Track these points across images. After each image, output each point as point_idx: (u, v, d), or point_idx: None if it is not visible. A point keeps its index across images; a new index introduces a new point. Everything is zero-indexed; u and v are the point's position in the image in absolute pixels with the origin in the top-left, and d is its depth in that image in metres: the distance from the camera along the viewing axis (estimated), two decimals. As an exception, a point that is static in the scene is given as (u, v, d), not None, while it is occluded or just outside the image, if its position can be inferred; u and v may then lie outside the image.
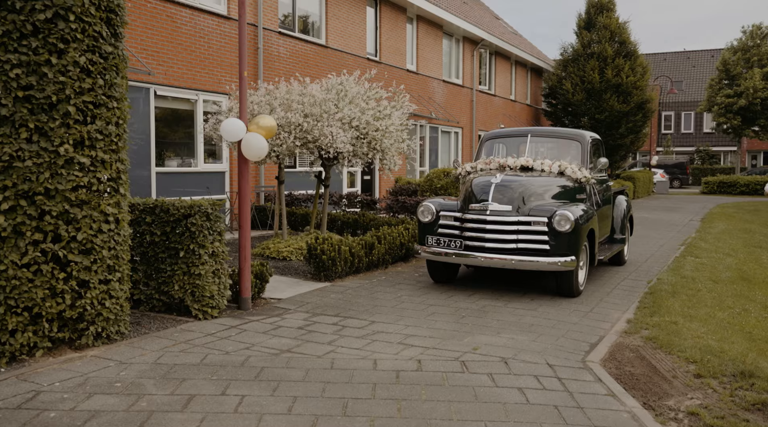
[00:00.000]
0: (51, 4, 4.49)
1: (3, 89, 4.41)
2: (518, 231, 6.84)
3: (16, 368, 4.47)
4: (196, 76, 11.98)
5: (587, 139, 8.42)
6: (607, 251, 8.51)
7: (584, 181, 7.80)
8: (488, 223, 6.89)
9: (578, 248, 6.81)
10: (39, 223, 4.57)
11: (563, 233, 6.70)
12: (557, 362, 4.86)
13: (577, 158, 8.21)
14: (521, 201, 6.95)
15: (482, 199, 7.01)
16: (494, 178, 7.17)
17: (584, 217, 6.96)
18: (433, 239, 7.27)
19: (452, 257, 7.07)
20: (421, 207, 7.44)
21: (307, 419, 3.71)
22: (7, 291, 4.47)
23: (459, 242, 7.06)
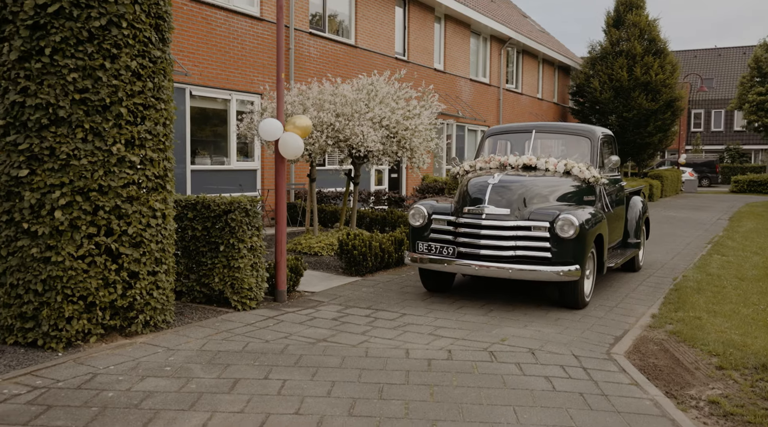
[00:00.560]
0: (105, 12, 4.80)
1: (61, 92, 4.73)
2: (517, 237, 6.22)
3: (72, 353, 4.79)
4: (230, 77, 12.32)
5: (597, 136, 7.73)
6: (619, 256, 7.86)
7: (593, 181, 7.18)
8: (483, 228, 6.28)
9: (583, 255, 6.18)
10: (93, 217, 4.89)
11: (566, 239, 6.08)
12: (582, 354, 5.04)
13: (587, 156, 7.53)
14: (521, 204, 6.34)
15: (477, 201, 6.39)
16: (491, 178, 6.53)
17: (591, 221, 6.30)
18: (423, 245, 6.61)
19: (443, 265, 6.45)
20: (412, 210, 6.80)
21: (345, 401, 3.96)
22: (64, 281, 4.79)
23: (451, 248, 6.43)
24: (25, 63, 4.71)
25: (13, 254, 4.85)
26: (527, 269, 6.09)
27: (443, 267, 6.48)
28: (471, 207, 6.41)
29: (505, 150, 8.20)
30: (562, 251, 6.11)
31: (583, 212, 6.29)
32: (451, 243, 6.49)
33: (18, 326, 4.86)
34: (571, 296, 6.36)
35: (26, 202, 4.73)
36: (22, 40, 4.67)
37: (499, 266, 6.16)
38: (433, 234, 6.66)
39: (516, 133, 8.20)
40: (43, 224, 4.76)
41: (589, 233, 6.23)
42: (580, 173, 7.11)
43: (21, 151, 4.76)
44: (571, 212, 6.15)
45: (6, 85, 4.77)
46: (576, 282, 6.25)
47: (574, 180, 7.11)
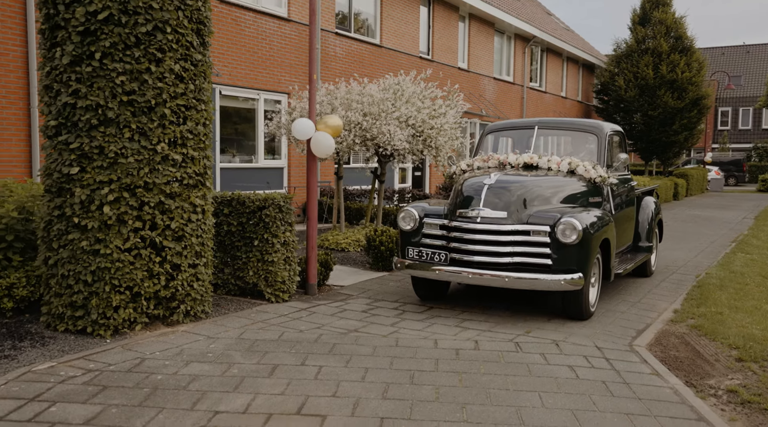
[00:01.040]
0: (151, 18, 5.08)
1: (110, 94, 5.02)
2: (515, 242, 5.76)
3: (119, 340, 5.08)
4: (258, 77, 12.62)
5: (605, 132, 7.18)
6: (629, 261, 7.35)
7: (600, 181, 6.68)
8: (478, 232, 5.83)
9: (587, 262, 5.71)
10: (139, 212, 5.18)
11: (569, 244, 5.60)
12: (605, 345, 5.22)
13: (594, 154, 7.06)
14: (520, 206, 5.87)
15: (472, 203, 5.94)
16: (487, 178, 6.07)
17: (596, 225, 5.82)
18: (414, 251, 6.13)
19: (434, 273, 5.97)
20: (402, 212, 6.32)
21: (379, 385, 4.19)
22: (112, 272, 5.08)
23: (443, 254, 5.96)
24: (77, 67, 5.01)
25: (65, 247, 5.16)
26: (526, 277, 5.62)
27: (434, 275, 5.99)
28: (465, 210, 5.95)
29: (506, 148, 7.79)
30: (564, 257, 5.64)
31: (588, 215, 5.83)
32: (444, 249, 6.02)
33: (69, 314, 5.17)
34: (575, 306, 5.89)
35: (77, 198, 5.04)
36: (74, 45, 4.97)
37: (494, 274, 5.67)
38: (424, 239, 6.19)
39: (518, 130, 7.70)
40: (93, 219, 5.06)
41: (593, 237, 5.75)
42: (585, 173, 6.65)
43: (72, 149, 5.06)
44: (574, 215, 5.69)
45: (58, 88, 5.08)
46: (579, 292, 5.78)
47: (579, 180, 6.64)
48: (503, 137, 7.83)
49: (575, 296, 5.83)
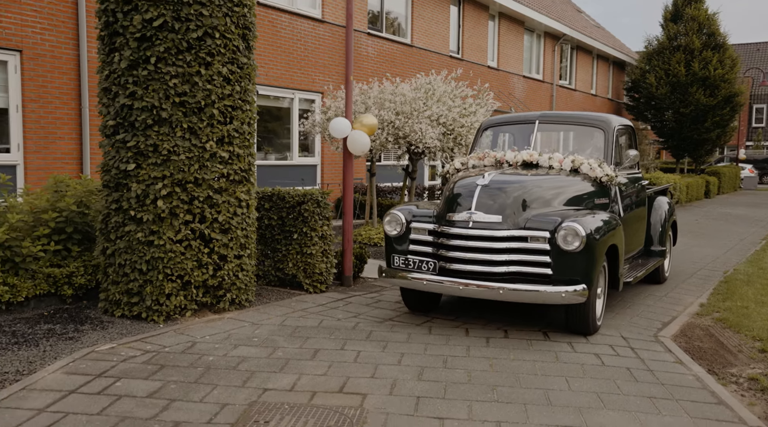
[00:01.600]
0: (202, 25, 5.43)
1: (163, 96, 5.39)
2: (510, 250, 5.19)
3: (171, 325, 5.45)
4: (293, 76, 12.99)
5: (613, 126, 6.59)
6: (640, 268, 6.78)
7: (606, 181, 6.11)
8: (470, 238, 5.25)
9: (592, 272, 5.12)
10: (189, 206, 5.54)
11: (571, 252, 5.03)
12: (631, 336, 5.44)
13: (600, 151, 6.49)
14: (517, 209, 5.30)
15: (464, 206, 5.36)
16: (481, 178, 5.47)
17: (602, 229, 5.24)
18: (400, 259, 5.58)
19: (422, 283, 5.39)
20: (388, 216, 5.76)
21: (414, 369, 4.48)
22: (165, 262, 5.45)
23: (432, 263, 5.40)
24: (133, 70, 5.38)
25: (121, 238, 5.54)
26: (523, 289, 5.05)
27: (421, 285, 5.40)
28: (455, 213, 5.36)
29: (505, 145, 7.21)
30: (565, 266, 5.08)
31: (593, 219, 5.26)
32: (432, 256, 5.47)
33: (125, 300, 5.56)
34: (579, 321, 5.32)
35: (133, 192, 5.42)
36: (131, 50, 5.35)
37: (488, 286, 5.11)
38: (411, 245, 5.62)
39: (517, 125, 7.11)
40: (147, 212, 5.43)
41: (599, 244, 5.16)
42: (590, 171, 6.08)
43: (129, 147, 5.44)
44: (576, 219, 5.11)
45: (116, 90, 5.46)
46: (584, 305, 5.20)
47: (584, 180, 6.05)
48: (502, 133, 7.24)
49: (579, 309, 5.25)
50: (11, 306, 5.61)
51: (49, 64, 8.71)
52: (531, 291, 5.05)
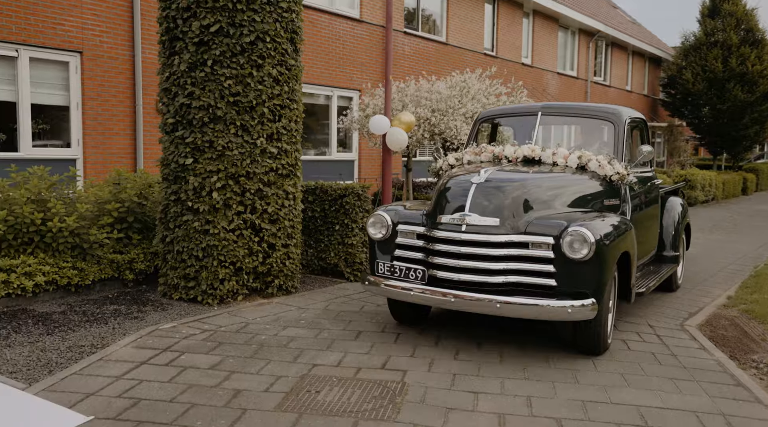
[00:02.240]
0: (254, 30, 5.85)
1: (219, 96, 5.82)
2: (509, 257, 4.59)
3: (225, 308, 5.90)
4: (332, 75, 13.41)
5: (624, 119, 5.97)
6: (652, 276, 6.21)
7: (617, 179, 5.51)
8: (463, 244, 4.65)
9: (603, 283, 4.54)
10: (241, 198, 5.97)
11: (578, 261, 4.42)
12: (657, 324, 5.71)
13: (610, 146, 5.94)
14: (517, 211, 4.69)
15: (456, 207, 4.77)
16: (476, 176, 4.86)
17: (613, 235, 4.63)
18: (385, 266, 5.00)
19: (410, 295, 4.80)
20: (372, 217, 5.21)
21: (451, 349, 4.84)
22: (219, 249, 5.90)
23: (420, 271, 4.81)
24: (192, 72, 5.83)
25: (180, 227, 6.01)
26: (523, 302, 4.44)
27: (408, 296, 4.83)
28: (447, 215, 4.78)
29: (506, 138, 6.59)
30: (572, 277, 4.48)
31: (602, 223, 4.65)
32: (421, 264, 4.87)
33: (182, 285, 6.03)
34: (587, 339, 4.70)
35: (190, 185, 5.87)
36: (190, 53, 5.80)
37: (482, 298, 4.52)
38: (398, 251, 5.04)
39: (518, 117, 6.47)
40: (203, 203, 5.88)
41: (610, 251, 4.56)
42: (599, 169, 5.48)
43: (187, 143, 5.89)
44: (584, 223, 4.49)
45: (176, 91, 5.92)
46: (593, 322, 4.60)
47: (592, 178, 5.48)
48: (501, 126, 6.64)
49: (587, 326, 4.64)
50: (79, 289, 6.12)
51: (106, 65, 9.26)
52: (532, 305, 4.43)
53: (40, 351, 4.59)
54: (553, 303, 4.43)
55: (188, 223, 5.93)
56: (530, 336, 5.24)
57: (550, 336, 5.24)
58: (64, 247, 6.04)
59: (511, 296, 4.52)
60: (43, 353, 4.56)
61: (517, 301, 4.46)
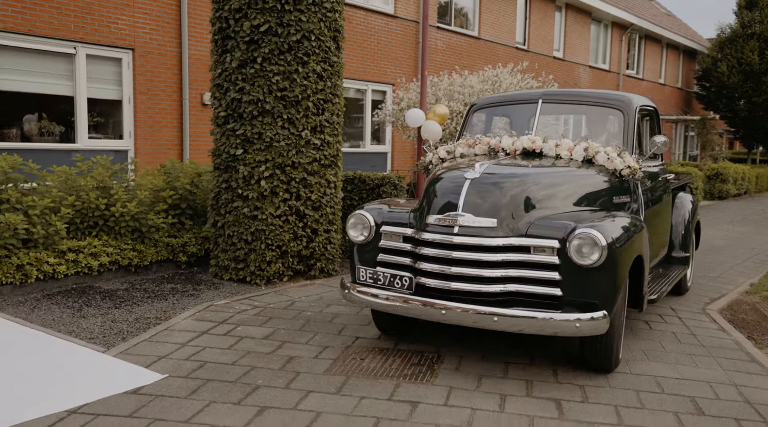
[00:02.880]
0: (300, 29, 6.27)
1: (267, 91, 6.26)
2: (508, 263, 4.06)
3: (271, 288, 6.36)
4: (367, 69, 13.81)
5: (634, 107, 5.42)
6: (663, 280, 5.68)
7: (628, 174, 4.93)
8: (456, 248, 4.13)
9: (615, 292, 4.01)
10: (287, 186, 6.42)
11: (587, 267, 3.90)
12: (679, 308, 6.01)
13: (618, 137, 5.35)
14: (516, 210, 4.16)
15: (448, 206, 4.21)
16: (470, 171, 4.33)
17: (624, 238, 4.07)
18: (367, 272, 4.47)
19: (396, 306, 4.27)
20: (352, 218, 4.64)
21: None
22: (266, 234, 6.35)
23: (407, 278, 4.29)
24: (242, 69, 6.28)
25: (230, 213, 6.48)
26: (523, 315, 3.92)
27: (394, 308, 4.29)
28: (437, 216, 4.22)
29: (503, 129, 5.99)
30: (579, 286, 3.96)
31: (614, 224, 4.11)
32: (408, 270, 4.35)
33: (232, 266, 6.50)
34: (597, 355, 4.19)
35: (240, 173, 6.33)
36: (241, 52, 6.25)
37: (477, 310, 3.98)
38: (382, 255, 4.49)
39: (516, 105, 5.91)
40: (252, 190, 6.34)
41: (623, 256, 4.03)
42: (608, 162, 4.92)
43: (237, 135, 6.35)
44: (594, 224, 3.97)
45: (227, 86, 6.37)
46: (604, 336, 4.09)
47: (600, 172, 4.90)
48: (497, 115, 6.06)
49: (598, 341, 4.14)
50: (138, 269, 6.65)
51: (155, 61, 9.81)
52: (534, 319, 3.89)
53: (111, 322, 5.09)
54: (558, 317, 3.88)
55: (238, 209, 6.40)
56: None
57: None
58: (125, 230, 6.57)
59: (511, 307, 4.02)
60: (114, 323, 5.06)
61: (517, 313, 3.94)
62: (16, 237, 5.69)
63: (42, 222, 5.91)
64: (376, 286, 4.44)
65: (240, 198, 6.41)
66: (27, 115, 8.94)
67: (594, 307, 3.94)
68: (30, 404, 3.49)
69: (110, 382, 3.85)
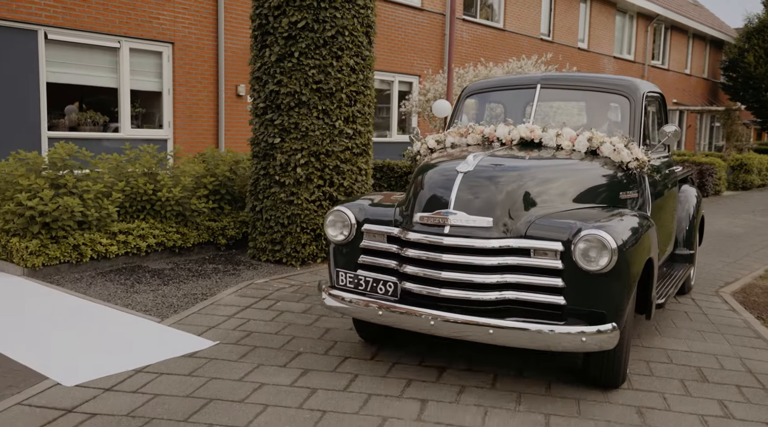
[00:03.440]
0: (335, 25, 6.65)
1: (303, 83, 6.66)
2: (505, 267, 3.64)
3: (306, 269, 6.78)
4: (393, 61, 14.15)
5: (641, 93, 4.96)
6: (668, 280, 5.20)
7: (636, 167, 4.48)
8: (447, 250, 3.69)
9: (625, 301, 3.59)
10: (321, 173, 6.82)
11: (595, 273, 3.49)
12: (693, 291, 6.30)
13: (624, 125, 4.87)
14: (514, 208, 3.75)
15: (437, 203, 3.79)
16: (463, 163, 3.89)
17: (635, 238, 3.66)
18: (347, 277, 4.02)
19: (378, 315, 3.81)
20: (330, 215, 4.21)
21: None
22: (302, 218, 6.77)
23: (391, 284, 3.83)
24: (281, 63, 6.68)
25: (268, 198, 6.91)
26: (522, 328, 3.49)
27: (377, 317, 3.83)
28: (426, 214, 3.80)
29: (497, 119, 5.47)
30: (585, 294, 3.55)
31: (623, 224, 3.69)
32: (393, 274, 3.90)
33: (269, 248, 6.94)
34: (603, 370, 3.76)
35: (278, 161, 6.75)
36: (279, 46, 6.65)
37: (471, 321, 3.54)
38: (364, 257, 4.06)
39: (512, 90, 5.39)
40: (289, 177, 6.75)
41: (634, 260, 3.62)
42: (614, 154, 4.44)
43: (275, 125, 6.76)
44: (602, 225, 3.56)
45: (266, 79, 6.78)
46: (611, 353, 3.68)
47: (605, 165, 4.43)
48: (491, 102, 5.60)
49: (604, 357, 3.72)
50: (182, 250, 7.12)
51: (194, 54, 10.27)
52: (533, 332, 3.46)
53: (161, 297, 5.56)
54: (561, 329, 3.44)
55: (275, 194, 6.83)
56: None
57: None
58: (170, 214, 7.03)
59: (508, 316, 3.60)
60: (165, 298, 5.52)
61: (515, 325, 3.49)
62: (72, 219, 6.17)
63: (96, 206, 6.39)
64: (357, 291, 3.95)
65: (277, 184, 6.83)
66: (68, 105, 9.46)
67: (601, 318, 3.51)
68: (102, 364, 3.95)
69: (168, 347, 4.29)
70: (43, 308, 5.08)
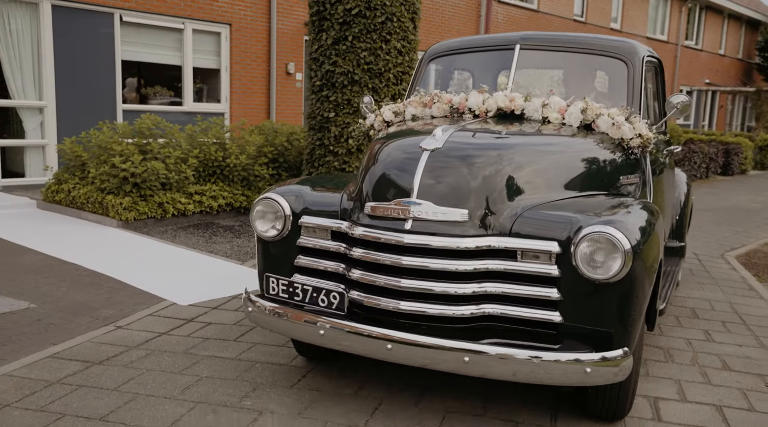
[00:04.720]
0: (384, 12, 7.47)
1: (356, 64, 7.51)
2: (485, 273, 2.79)
3: (355, 229, 7.69)
4: (431, 41, 14.86)
5: (641, 56, 4.02)
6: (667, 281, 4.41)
7: (638, 145, 3.59)
8: (409, 251, 2.81)
9: (637, 317, 2.78)
10: (370, 144, 7.70)
11: (601, 282, 2.66)
12: (701, 253, 7.07)
13: (622, 95, 3.91)
14: (495, 196, 2.89)
15: (396, 191, 2.91)
16: (429, 139, 2.99)
17: (648, 235, 2.79)
18: (280, 284, 3.05)
19: (318, 332, 2.90)
20: (258, 204, 3.23)
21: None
22: (352, 183, 7.66)
23: (337, 294, 2.92)
24: (336, 46, 7.53)
25: (322, 166, 7.81)
26: (507, 355, 2.64)
27: (318, 338, 2.93)
28: (381, 204, 2.91)
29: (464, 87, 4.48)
30: (588, 309, 2.74)
31: (632, 218, 2.84)
32: (339, 281, 3.05)
33: (323, 210, 7.86)
34: (608, 403, 3.00)
35: (332, 133, 7.64)
36: (335, 31, 7.50)
37: (441, 346, 2.69)
38: (302, 258, 3.15)
39: (484, 52, 4.31)
40: (342, 147, 7.64)
41: (650, 263, 2.80)
42: (613, 129, 3.55)
43: (330, 101, 7.64)
44: (610, 219, 2.74)
45: (322, 60, 7.65)
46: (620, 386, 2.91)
47: (600, 143, 3.51)
48: (459, 68, 4.61)
49: (610, 392, 2.95)
50: (246, 211, 8.09)
51: (248, 34, 11.18)
52: (522, 360, 2.63)
53: (237, 246, 6.52)
54: (557, 358, 2.62)
55: (329, 163, 7.73)
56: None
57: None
58: (237, 178, 7.99)
59: (488, 338, 2.80)
60: (239, 248, 6.49)
61: (498, 352, 2.66)
62: (158, 180, 7.16)
63: (176, 169, 7.37)
64: (293, 302, 3.03)
65: (331, 154, 7.73)
66: (129, 78, 10.45)
67: (607, 340, 2.71)
68: (205, 291, 4.92)
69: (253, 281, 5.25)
70: (144, 252, 6.09)
